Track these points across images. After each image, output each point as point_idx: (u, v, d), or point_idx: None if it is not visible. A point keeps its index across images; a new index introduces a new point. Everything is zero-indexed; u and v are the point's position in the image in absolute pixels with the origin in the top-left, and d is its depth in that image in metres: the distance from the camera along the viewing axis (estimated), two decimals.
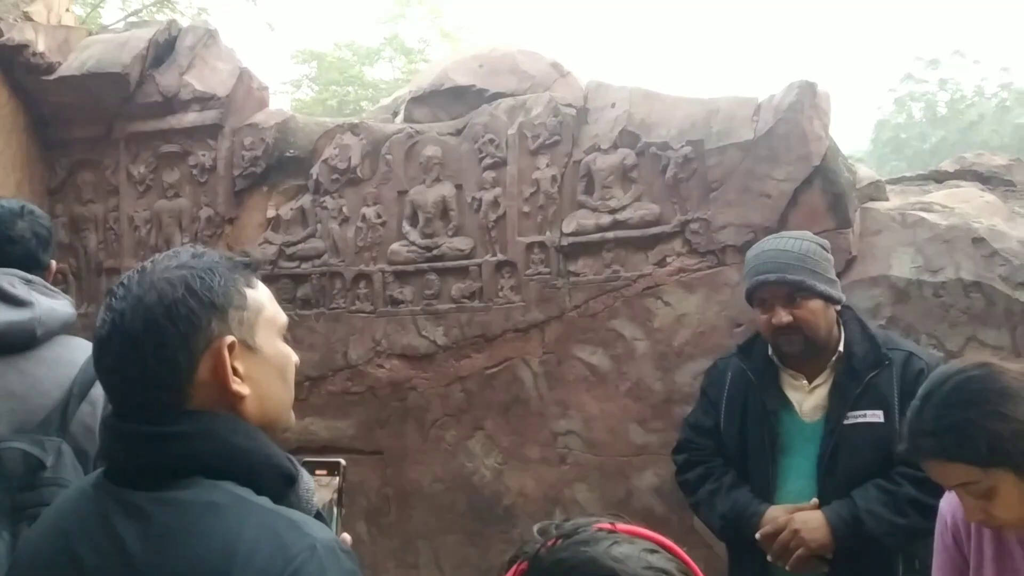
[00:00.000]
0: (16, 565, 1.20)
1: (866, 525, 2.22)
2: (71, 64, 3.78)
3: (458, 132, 3.43)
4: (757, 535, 2.32)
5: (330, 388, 3.56)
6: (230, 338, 1.14)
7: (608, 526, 0.91)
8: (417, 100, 3.59)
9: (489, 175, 3.33)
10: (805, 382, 2.41)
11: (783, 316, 2.31)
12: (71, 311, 2.06)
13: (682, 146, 3.04)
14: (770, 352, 2.46)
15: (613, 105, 3.24)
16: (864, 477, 2.29)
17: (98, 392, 1.91)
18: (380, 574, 3.55)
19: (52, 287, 2.08)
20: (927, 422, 1.55)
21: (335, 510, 1.32)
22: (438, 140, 3.43)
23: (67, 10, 4.74)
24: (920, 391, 1.61)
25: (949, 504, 1.79)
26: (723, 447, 2.52)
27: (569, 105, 3.28)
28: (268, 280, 3.52)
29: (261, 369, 1.19)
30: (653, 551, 0.89)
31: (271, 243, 3.64)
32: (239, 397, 1.15)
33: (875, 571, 2.30)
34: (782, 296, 2.32)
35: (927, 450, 1.55)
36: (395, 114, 3.78)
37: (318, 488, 1.26)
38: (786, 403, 2.42)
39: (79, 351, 1.99)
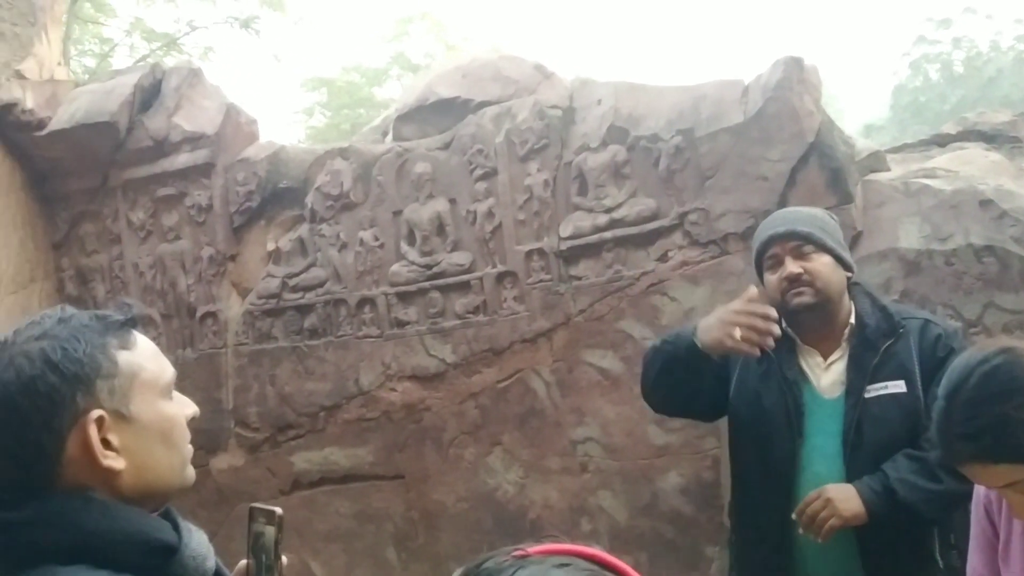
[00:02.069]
0: None
1: (899, 494, 2.12)
2: (60, 118, 3.79)
3: (446, 146, 3.38)
4: (793, 515, 2.22)
5: (345, 416, 3.52)
6: (97, 412, 1.07)
7: (520, 553, 0.86)
8: (404, 118, 3.55)
9: (481, 186, 3.28)
10: (820, 359, 2.33)
11: (793, 267, 2.23)
12: None
13: (672, 136, 2.96)
14: (784, 325, 2.37)
15: (599, 102, 3.17)
16: (892, 451, 2.20)
17: None
18: None
19: None
20: (958, 424, 1.42)
21: (262, 557, 1.26)
22: (427, 156, 3.39)
23: (59, 64, 4.78)
24: (943, 389, 1.49)
25: None
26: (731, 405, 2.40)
27: (555, 107, 3.21)
28: (274, 313, 3.57)
29: (138, 438, 1.11)
30: (563, 565, 0.85)
31: (274, 276, 3.62)
32: (113, 471, 1.08)
33: (910, 548, 2.21)
34: (791, 249, 2.25)
35: (965, 455, 1.44)
36: (385, 134, 3.75)
37: (256, 535, 1.23)
38: (805, 378, 2.34)
39: None
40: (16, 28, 4.47)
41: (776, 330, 2.13)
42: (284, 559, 1.27)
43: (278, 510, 1.26)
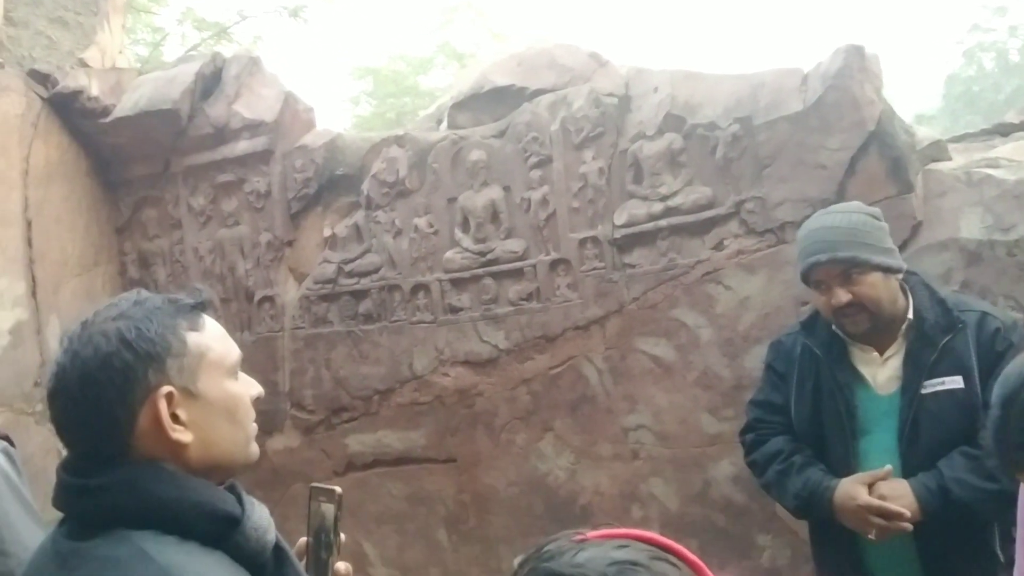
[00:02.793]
0: None
1: (953, 494, 2.12)
2: (124, 105, 3.89)
3: (501, 134, 3.40)
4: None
5: (399, 400, 3.58)
6: (167, 388, 1.14)
7: (580, 537, 0.90)
8: (459, 106, 3.58)
9: (536, 174, 3.30)
10: (876, 354, 2.31)
11: (842, 296, 2.21)
12: None
13: (730, 124, 2.96)
14: (834, 327, 2.37)
15: (655, 90, 3.17)
16: (949, 447, 2.19)
17: None
18: None
19: None
20: (1016, 433, 1.38)
21: (323, 536, 1.36)
22: (482, 144, 3.42)
23: (120, 52, 4.89)
24: (997, 397, 1.44)
25: None
26: (794, 425, 2.44)
27: (610, 95, 3.22)
28: (330, 298, 3.64)
29: (205, 414, 1.18)
30: (622, 547, 0.88)
31: (330, 262, 3.68)
32: (181, 444, 1.15)
33: (970, 544, 2.20)
34: (837, 275, 2.22)
35: (1023, 464, 1.41)
36: (439, 122, 3.78)
37: (316, 514, 1.35)
38: (859, 377, 2.33)
39: None
40: (80, 17, 4.60)
41: (908, 527, 2.16)
42: (342, 536, 1.36)
43: (338, 489, 1.36)
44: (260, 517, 1.20)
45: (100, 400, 1.12)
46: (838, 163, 2.78)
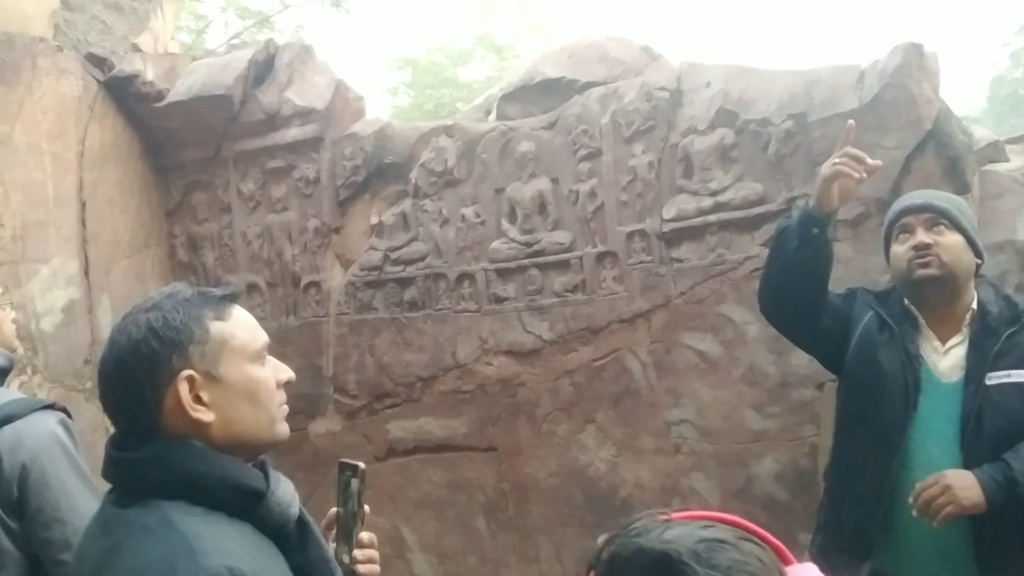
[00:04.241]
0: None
1: (1022, 486, 2.09)
2: (178, 90, 3.94)
3: (551, 125, 3.41)
4: (910, 499, 2.20)
5: (441, 388, 3.61)
6: (187, 372, 1.23)
7: (665, 517, 0.92)
8: (508, 97, 3.60)
9: (585, 166, 3.31)
10: (938, 343, 2.29)
11: (924, 236, 2.23)
12: None
13: (783, 120, 2.94)
14: (906, 302, 2.34)
15: (708, 84, 3.17)
16: (1012, 440, 2.15)
17: None
18: (501, 569, 3.59)
19: None
20: None
21: (348, 506, 1.47)
22: (531, 135, 3.43)
23: (172, 38, 4.96)
24: None
25: None
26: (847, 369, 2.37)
27: (662, 88, 3.22)
28: (375, 285, 3.67)
29: (226, 396, 1.27)
30: (708, 526, 0.90)
31: (376, 249, 3.72)
32: (203, 423, 1.24)
33: None
34: (924, 220, 2.25)
35: None
36: (488, 113, 3.80)
37: (343, 486, 1.48)
38: (922, 359, 2.30)
39: None
40: (134, 3, 4.67)
41: (869, 161, 2.18)
42: (367, 508, 1.49)
43: (361, 465, 1.49)
44: (284, 492, 1.28)
45: (131, 382, 1.23)
46: (893, 162, 2.75)
